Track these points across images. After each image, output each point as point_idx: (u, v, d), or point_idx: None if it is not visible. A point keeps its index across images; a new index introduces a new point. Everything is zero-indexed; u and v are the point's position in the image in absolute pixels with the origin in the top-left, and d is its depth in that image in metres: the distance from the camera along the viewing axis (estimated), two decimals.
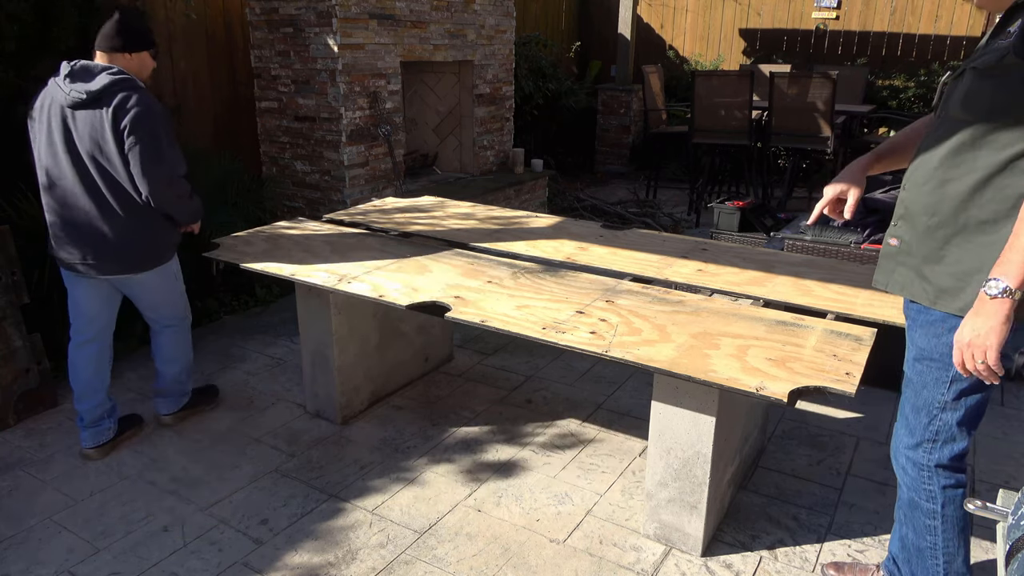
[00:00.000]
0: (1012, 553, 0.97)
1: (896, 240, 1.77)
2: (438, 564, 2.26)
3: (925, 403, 1.75)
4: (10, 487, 2.60)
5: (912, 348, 1.77)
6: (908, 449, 1.81)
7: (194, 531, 2.39)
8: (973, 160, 1.56)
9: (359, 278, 2.57)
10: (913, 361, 1.77)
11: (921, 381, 1.75)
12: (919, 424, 1.77)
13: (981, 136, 1.54)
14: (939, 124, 1.67)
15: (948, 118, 1.63)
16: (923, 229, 1.67)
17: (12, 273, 2.97)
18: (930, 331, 1.70)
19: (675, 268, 2.72)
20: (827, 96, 5.83)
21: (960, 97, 1.58)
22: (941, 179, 1.62)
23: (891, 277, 1.79)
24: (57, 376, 3.26)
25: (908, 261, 1.73)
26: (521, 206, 6.04)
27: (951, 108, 1.62)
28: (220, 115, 5.07)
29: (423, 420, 3.09)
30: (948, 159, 1.60)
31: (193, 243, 3.31)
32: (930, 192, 1.64)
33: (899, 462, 1.86)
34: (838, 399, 3.26)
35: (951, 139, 1.60)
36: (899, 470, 1.87)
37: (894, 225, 1.79)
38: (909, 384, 1.80)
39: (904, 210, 1.74)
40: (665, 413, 2.21)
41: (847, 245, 3.32)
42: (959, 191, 1.58)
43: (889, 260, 1.80)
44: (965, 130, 1.56)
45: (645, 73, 7.14)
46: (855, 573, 2.17)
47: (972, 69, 1.57)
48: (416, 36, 5.07)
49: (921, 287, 1.70)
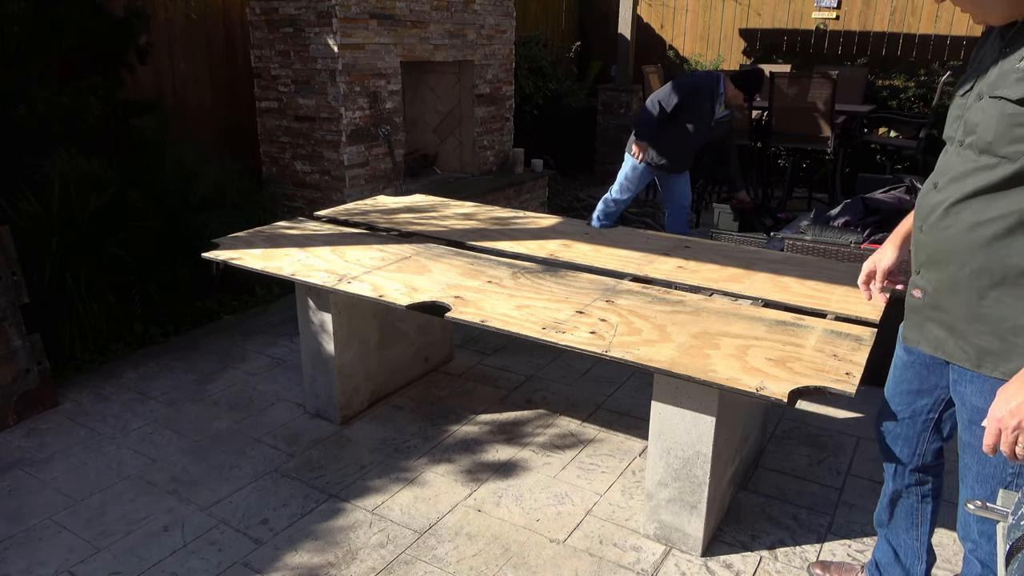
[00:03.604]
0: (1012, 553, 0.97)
1: (920, 292, 1.58)
2: (438, 564, 2.26)
3: (993, 471, 1.51)
4: (10, 487, 2.60)
5: (965, 409, 1.54)
6: (979, 523, 1.57)
7: (194, 531, 2.39)
8: (1010, 201, 1.36)
9: (359, 278, 2.57)
10: (969, 424, 1.54)
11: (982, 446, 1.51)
12: (988, 495, 1.54)
13: (1019, 174, 1.33)
14: (956, 157, 1.47)
15: (969, 151, 1.43)
16: (952, 280, 1.47)
17: (12, 273, 2.96)
18: (984, 388, 1.47)
19: (655, 265, 2.75)
20: (827, 96, 5.83)
21: (994, 130, 1.36)
22: (970, 222, 1.41)
23: (921, 333, 1.60)
24: (57, 376, 3.26)
25: (939, 317, 1.54)
26: (521, 206, 6.04)
27: (976, 140, 1.40)
28: (220, 115, 5.07)
29: (423, 420, 3.09)
30: (977, 199, 1.40)
31: (193, 243, 3.32)
32: (956, 237, 1.44)
33: (968, 534, 1.61)
34: (838, 399, 3.26)
35: (978, 176, 1.40)
36: (969, 543, 1.62)
37: (916, 274, 1.59)
38: (968, 450, 1.57)
39: (926, 257, 1.54)
40: (665, 413, 2.21)
41: (847, 245, 3.31)
42: (993, 236, 1.38)
43: (916, 314, 1.62)
44: (1000, 167, 1.36)
45: (645, 73, 7.14)
46: (841, 573, 2.18)
47: (999, 99, 1.34)
48: (416, 36, 5.07)
49: (959, 347, 1.50)
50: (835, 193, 6.45)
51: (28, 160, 3.54)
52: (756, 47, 8.42)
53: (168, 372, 3.48)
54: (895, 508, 1.95)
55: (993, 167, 1.37)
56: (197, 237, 3.79)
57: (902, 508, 1.94)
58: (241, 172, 4.56)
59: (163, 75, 4.68)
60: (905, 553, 1.98)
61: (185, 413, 3.12)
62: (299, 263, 2.73)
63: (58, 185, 3.52)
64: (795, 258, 2.91)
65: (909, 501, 1.92)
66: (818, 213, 3.90)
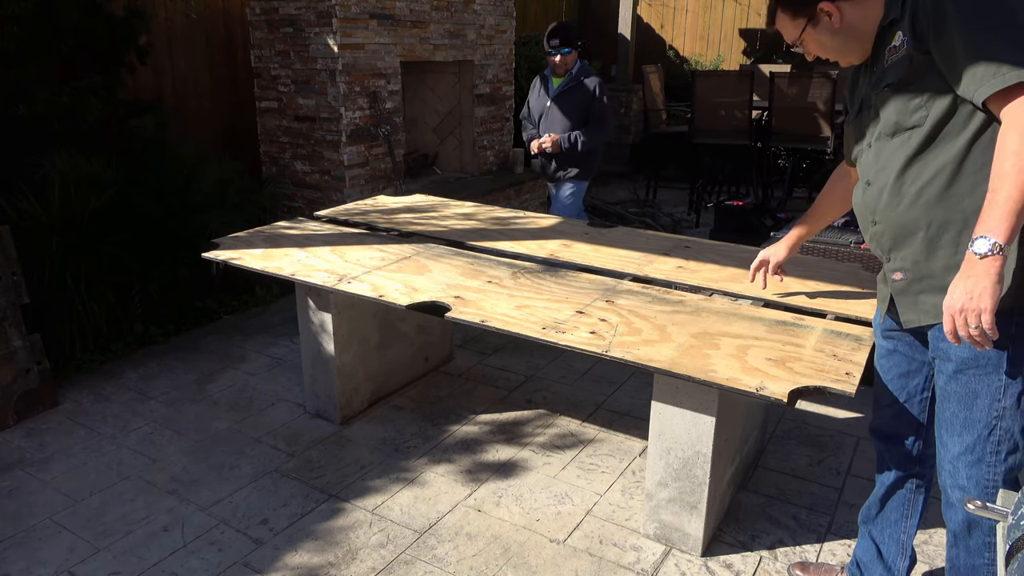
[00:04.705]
0: (1012, 553, 0.97)
1: (900, 273, 1.66)
2: (438, 564, 2.26)
3: (980, 415, 1.59)
4: (10, 487, 2.60)
5: (949, 362, 1.62)
6: (968, 467, 1.62)
7: (194, 531, 2.39)
8: (936, 157, 1.53)
9: (359, 278, 2.57)
10: (955, 374, 1.61)
11: (969, 392, 1.60)
12: (975, 439, 1.61)
13: (932, 133, 1.52)
14: (874, 152, 1.65)
15: (884, 139, 1.62)
16: (924, 246, 1.58)
17: (12, 273, 2.97)
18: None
19: (655, 265, 2.74)
20: (827, 96, 5.83)
21: (895, 112, 1.57)
22: (916, 189, 1.56)
23: (919, 310, 1.65)
24: (57, 376, 3.26)
25: (927, 285, 1.61)
26: (521, 206, 6.03)
27: (884, 128, 1.62)
28: (220, 115, 5.07)
29: (423, 420, 3.09)
30: (910, 169, 1.57)
31: (193, 243, 3.32)
32: (910, 207, 1.58)
33: (956, 481, 1.65)
34: (838, 399, 3.25)
35: (901, 151, 1.57)
36: (957, 491, 1.66)
37: (888, 261, 1.69)
38: (952, 398, 1.64)
39: (891, 241, 1.65)
40: (665, 413, 2.21)
41: (847, 245, 3.31)
42: (940, 190, 1.53)
43: (906, 295, 1.67)
44: (914, 135, 1.55)
45: (645, 73, 7.14)
46: (820, 573, 2.19)
47: (885, 88, 1.58)
48: (416, 36, 5.07)
49: None
50: None
51: (28, 160, 3.54)
52: (756, 47, 8.42)
53: (168, 372, 3.48)
54: (888, 500, 1.97)
55: (908, 139, 1.57)
56: (197, 237, 3.79)
57: (896, 499, 1.96)
58: (241, 172, 4.57)
59: (163, 75, 4.68)
60: (888, 549, 1.99)
61: (185, 413, 3.12)
62: (299, 263, 2.73)
63: (58, 185, 3.52)
64: (795, 258, 2.89)
65: (904, 491, 1.94)
66: None
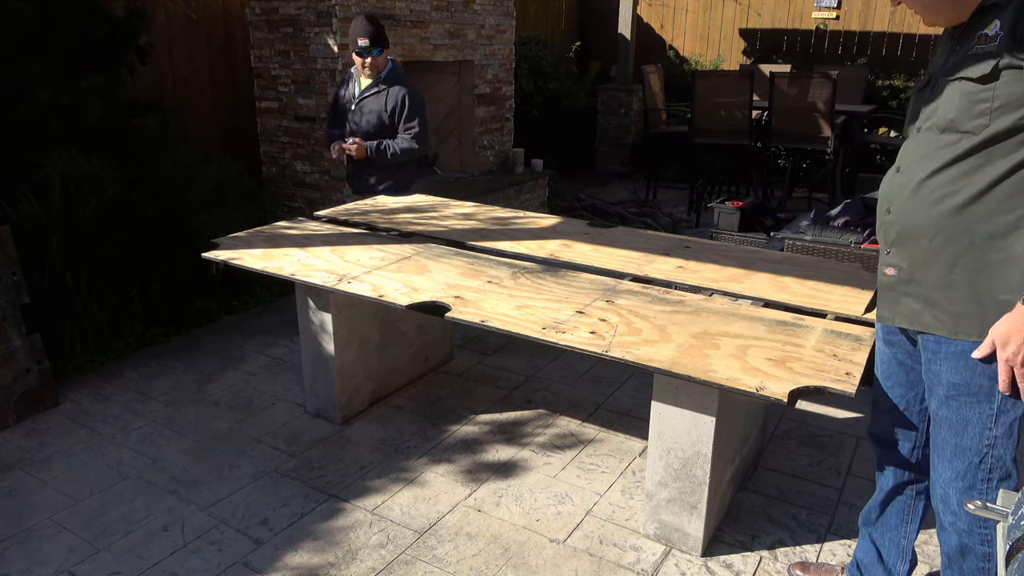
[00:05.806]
0: (1012, 553, 0.97)
1: (893, 269, 1.64)
2: (438, 564, 2.26)
3: (971, 443, 1.57)
4: (10, 487, 2.60)
5: (940, 386, 1.59)
6: (959, 493, 1.61)
7: (194, 531, 2.39)
8: (973, 172, 1.45)
9: (359, 278, 2.57)
10: (946, 399, 1.58)
11: (960, 419, 1.57)
12: (967, 466, 1.59)
13: (981, 146, 1.44)
14: (919, 142, 1.57)
15: (932, 131, 1.53)
16: (925, 253, 1.55)
17: (12, 273, 2.97)
18: (960, 364, 1.54)
19: (655, 265, 2.74)
20: (827, 96, 5.83)
21: (955, 109, 1.47)
22: (937, 196, 1.50)
23: (896, 310, 1.65)
24: (57, 376, 3.26)
25: (913, 290, 1.60)
26: (521, 206, 6.03)
27: (937, 121, 1.52)
28: (220, 115, 5.07)
29: (423, 420, 3.09)
30: (942, 173, 1.50)
31: (193, 243, 3.32)
32: (924, 211, 1.53)
33: (949, 507, 1.64)
34: (838, 399, 3.25)
35: (942, 152, 1.50)
36: (949, 515, 1.65)
37: (886, 253, 1.66)
38: (943, 424, 1.61)
39: (895, 235, 1.61)
40: (665, 413, 2.21)
41: (847, 245, 3.31)
42: (959, 206, 1.48)
43: (890, 292, 1.67)
44: (962, 141, 1.46)
45: (645, 73, 7.14)
46: (820, 573, 2.19)
47: (959, 80, 1.47)
48: (416, 36, 5.07)
49: (934, 318, 1.56)
50: (835, 193, 6.45)
51: (28, 160, 3.54)
52: (756, 47, 8.42)
53: (168, 372, 3.48)
54: (888, 505, 1.96)
55: (956, 143, 1.48)
56: (197, 237, 3.79)
57: (895, 505, 1.95)
58: (241, 172, 4.57)
59: (163, 75, 4.68)
60: (889, 552, 1.99)
61: (185, 413, 3.12)
62: (299, 263, 2.73)
63: (58, 185, 3.52)
64: (795, 258, 2.91)
65: (904, 497, 1.93)
66: (818, 213, 3.90)
